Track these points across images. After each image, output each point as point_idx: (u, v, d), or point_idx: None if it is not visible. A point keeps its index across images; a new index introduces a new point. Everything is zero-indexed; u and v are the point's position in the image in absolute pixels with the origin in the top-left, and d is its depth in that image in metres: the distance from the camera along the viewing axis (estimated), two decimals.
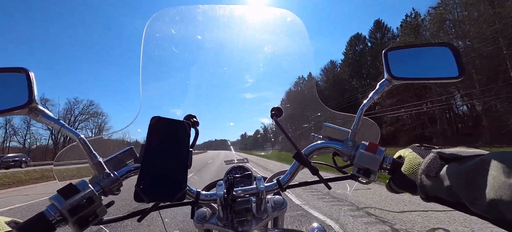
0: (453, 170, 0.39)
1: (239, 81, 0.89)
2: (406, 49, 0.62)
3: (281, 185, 0.65)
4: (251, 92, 0.88)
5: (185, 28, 0.79)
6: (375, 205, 4.48)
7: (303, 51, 0.86)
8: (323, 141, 0.64)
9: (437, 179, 0.41)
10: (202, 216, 0.63)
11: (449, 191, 0.39)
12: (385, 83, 0.61)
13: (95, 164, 0.52)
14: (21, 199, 7.56)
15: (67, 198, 0.43)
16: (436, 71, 0.59)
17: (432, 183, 0.42)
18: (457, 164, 0.39)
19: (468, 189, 0.35)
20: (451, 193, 0.39)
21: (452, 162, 0.40)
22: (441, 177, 0.40)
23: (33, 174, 14.73)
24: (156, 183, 0.46)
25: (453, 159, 0.41)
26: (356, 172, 0.56)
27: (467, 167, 0.37)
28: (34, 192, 9.36)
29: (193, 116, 0.60)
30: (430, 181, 0.43)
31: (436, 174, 0.42)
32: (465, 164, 0.37)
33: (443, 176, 0.40)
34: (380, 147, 0.54)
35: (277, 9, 0.85)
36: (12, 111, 0.48)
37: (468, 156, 0.39)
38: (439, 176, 0.41)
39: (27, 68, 0.50)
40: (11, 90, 0.49)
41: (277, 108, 0.66)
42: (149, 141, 0.49)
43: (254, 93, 0.88)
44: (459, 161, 0.39)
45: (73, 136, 0.52)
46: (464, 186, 0.36)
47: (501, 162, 0.32)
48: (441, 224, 3.46)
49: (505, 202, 0.29)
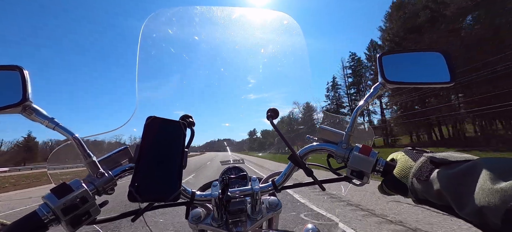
0: (443, 175, 0.40)
1: (235, 82, 0.89)
2: (400, 54, 0.63)
3: (276, 186, 0.65)
4: (247, 93, 0.89)
5: (182, 29, 0.79)
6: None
7: (299, 54, 0.87)
8: (318, 143, 0.65)
9: (427, 182, 0.42)
10: (196, 216, 0.63)
11: (438, 195, 0.40)
12: (379, 87, 0.62)
13: (89, 163, 0.51)
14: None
15: (60, 197, 0.43)
16: (428, 76, 0.61)
17: (423, 187, 0.43)
18: (447, 168, 0.40)
19: (456, 194, 0.36)
20: (440, 197, 0.40)
21: (442, 166, 0.41)
22: (431, 181, 0.41)
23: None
24: (151, 183, 0.46)
25: (442, 164, 0.42)
26: (350, 174, 0.57)
27: (456, 172, 0.37)
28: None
29: (189, 116, 0.60)
30: (420, 184, 0.44)
31: (426, 178, 0.42)
32: (454, 169, 0.38)
33: (433, 180, 0.41)
34: (373, 150, 0.55)
35: (274, 11, 0.86)
36: (5, 110, 0.47)
37: (457, 161, 0.40)
38: (429, 179, 0.42)
39: (21, 66, 0.50)
40: (4, 88, 0.48)
41: (273, 109, 0.66)
42: (144, 141, 0.49)
43: (251, 94, 0.88)
44: (448, 166, 0.40)
45: (67, 135, 0.52)
46: (452, 191, 0.37)
47: (488, 168, 0.33)
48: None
49: (490, 208, 0.30)
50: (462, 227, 3.15)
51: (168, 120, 0.53)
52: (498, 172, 0.32)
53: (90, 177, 0.51)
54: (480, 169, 0.34)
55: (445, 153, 0.44)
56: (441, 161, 0.42)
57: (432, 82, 0.60)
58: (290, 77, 0.91)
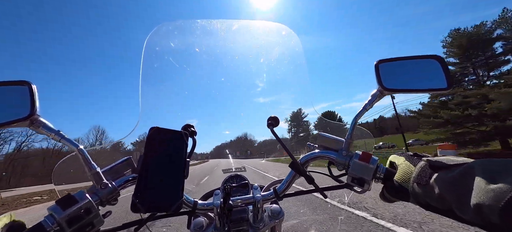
0: (442, 178, 0.40)
1: (236, 91, 0.91)
2: (396, 62, 0.64)
3: (278, 194, 0.65)
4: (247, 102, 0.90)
5: (184, 41, 0.82)
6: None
7: (297, 63, 0.88)
8: (318, 150, 0.65)
9: (427, 187, 0.42)
10: (199, 226, 0.63)
11: (439, 198, 0.40)
12: (377, 94, 0.63)
13: (93, 174, 0.52)
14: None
15: (65, 209, 0.44)
16: (425, 83, 0.61)
17: (423, 191, 0.43)
18: (445, 172, 0.40)
19: (455, 197, 0.37)
20: (441, 200, 0.40)
21: (441, 170, 0.42)
22: (431, 185, 0.42)
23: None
24: (153, 194, 0.46)
25: (441, 168, 0.42)
26: (351, 181, 0.57)
27: (454, 175, 0.38)
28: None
29: (191, 125, 0.60)
30: (421, 189, 0.44)
31: (426, 182, 0.43)
32: (452, 172, 0.39)
33: (433, 184, 0.41)
34: (373, 156, 0.55)
35: (272, 23, 0.88)
36: (13, 124, 0.49)
37: (455, 165, 0.40)
38: (430, 184, 0.42)
39: (29, 81, 0.51)
40: (13, 103, 0.50)
41: (274, 117, 0.67)
42: (147, 151, 0.49)
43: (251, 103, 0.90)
44: (447, 170, 0.41)
45: (72, 147, 0.53)
46: (452, 194, 0.37)
47: (483, 169, 0.34)
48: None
49: (487, 207, 0.30)
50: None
51: (170, 130, 0.54)
52: (492, 172, 0.33)
53: (94, 188, 0.52)
54: (475, 171, 0.35)
55: (444, 157, 0.44)
56: (439, 165, 0.42)
57: (429, 88, 0.61)
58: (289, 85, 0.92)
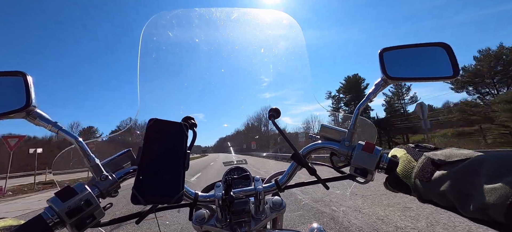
0: (444, 175, 0.39)
1: (236, 82, 0.90)
2: (401, 50, 0.62)
3: (279, 186, 0.65)
4: (247, 92, 0.89)
5: (182, 31, 0.80)
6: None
7: (298, 51, 0.87)
8: (320, 141, 0.64)
9: (429, 183, 0.41)
10: (200, 218, 0.63)
11: (441, 195, 0.39)
12: (381, 83, 0.61)
13: (93, 167, 0.52)
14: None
15: (64, 200, 0.43)
16: (431, 71, 0.60)
17: (425, 188, 0.42)
18: (448, 168, 0.39)
19: (458, 193, 0.36)
20: (444, 197, 0.39)
21: (443, 166, 0.41)
22: (433, 181, 0.41)
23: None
24: (154, 185, 0.46)
25: (443, 164, 0.41)
26: (353, 172, 0.56)
27: (457, 171, 0.37)
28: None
29: (191, 117, 0.60)
30: (423, 185, 0.43)
31: (428, 179, 0.42)
32: (454, 168, 0.38)
33: (435, 181, 0.40)
34: (377, 147, 0.54)
35: (272, 10, 0.86)
36: (9, 115, 0.48)
37: (457, 160, 0.39)
38: (431, 180, 0.41)
39: (24, 71, 0.50)
40: (8, 94, 0.49)
41: (275, 109, 0.66)
42: (146, 143, 0.49)
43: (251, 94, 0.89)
44: (448, 166, 0.40)
45: (70, 139, 0.52)
46: (454, 191, 0.36)
47: (487, 165, 0.33)
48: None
49: (491, 205, 0.29)
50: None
51: (170, 121, 0.53)
52: (497, 168, 0.31)
53: (94, 180, 0.51)
54: (479, 167, 0.34)
55: (446, 150, 0.43)
56: (441, 161, 0.41)
57: (435, 77, 0.59)
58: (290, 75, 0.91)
